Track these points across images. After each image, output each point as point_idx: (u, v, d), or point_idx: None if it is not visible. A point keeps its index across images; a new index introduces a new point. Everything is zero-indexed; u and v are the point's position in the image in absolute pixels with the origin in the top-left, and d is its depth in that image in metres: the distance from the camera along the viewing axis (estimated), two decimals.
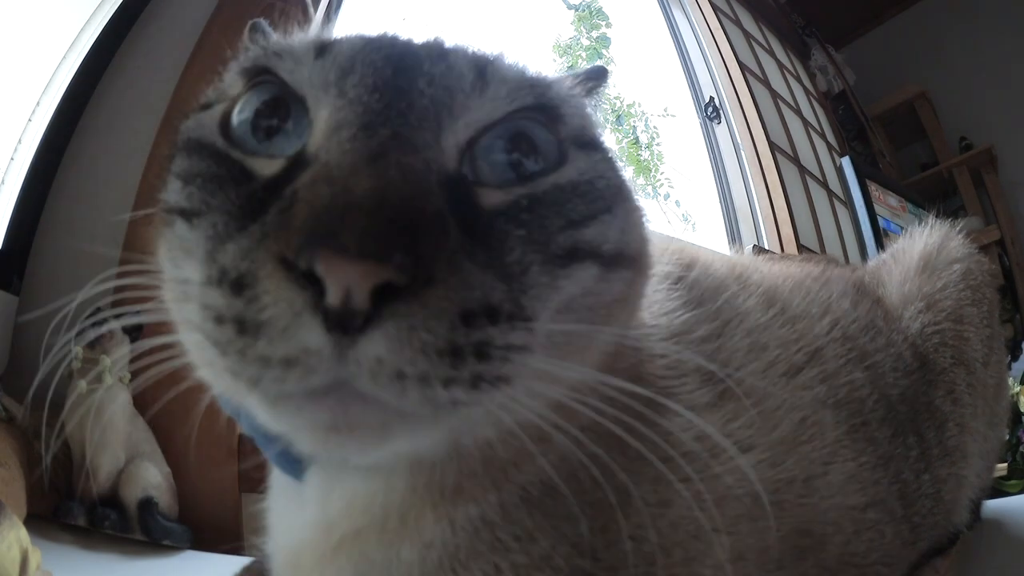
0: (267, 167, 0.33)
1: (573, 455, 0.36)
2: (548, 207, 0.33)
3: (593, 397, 0.33)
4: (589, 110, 0.42)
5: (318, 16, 1.58)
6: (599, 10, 2.37)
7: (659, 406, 0.40)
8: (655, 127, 2.39)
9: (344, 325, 0.25)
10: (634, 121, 2.35)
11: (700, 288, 0.51)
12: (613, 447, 0.35)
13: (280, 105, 0.35)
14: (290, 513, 0.43)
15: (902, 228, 2.76)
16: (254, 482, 1.13)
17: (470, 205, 0.31)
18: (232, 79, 0.38)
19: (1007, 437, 1.15)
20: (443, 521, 0.37)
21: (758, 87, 2.69)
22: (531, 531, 0.36)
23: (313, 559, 0.40)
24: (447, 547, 0.37)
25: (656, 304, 0.48)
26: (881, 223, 2.69)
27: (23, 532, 0.72)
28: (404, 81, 0.33)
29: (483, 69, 0.35)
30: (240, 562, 0.64)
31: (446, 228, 0.28)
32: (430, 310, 0.26)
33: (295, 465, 0.42)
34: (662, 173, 2.34)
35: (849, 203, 2.81)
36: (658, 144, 2.37)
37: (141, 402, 1.10)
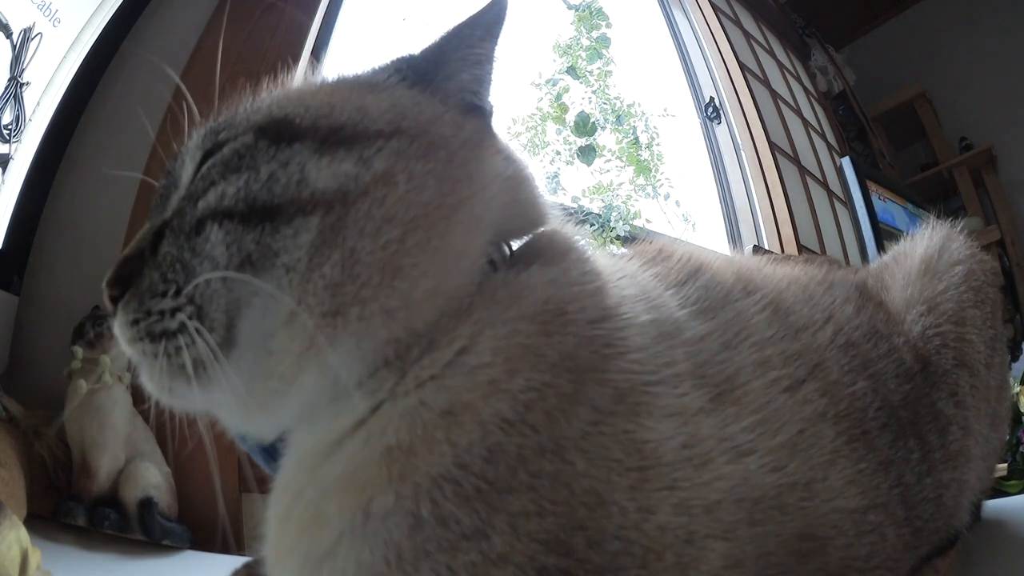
0: None
1: (506, 446, 0.37)
2: (184, 200, 0.45)
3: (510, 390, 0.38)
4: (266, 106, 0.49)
5: (319, 16, 1.58)
6: (599, 10, 2.37)
7: (632, 407, 0.40)
8: (655, 127, 2.38)
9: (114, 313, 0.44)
10: (634, 121, 2.34)
11: (707, 294, 0.50)
12: (566, 446, 0.37)
13: None
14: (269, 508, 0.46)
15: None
16: (254, 482, 1.13)
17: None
18: None
19: (1007, 437, 1.15)
20: (352, 511, 0.37)
21: (758, 87, 2.69)
22: (481, 528, 0.35)
23: (271, 549, 0.43)
24: (388, 544, 0.36)
25: (642, 300, 0.47)
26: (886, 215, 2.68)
27: (23, 532, 0.72)
28: (160, 186, 0.50)
29: (184, 153, 0.49)
30: (240, 562, 0.64)
31: (142, 257, 0.44)
32: (126, 302, 0.43)
33: (266, 455, 0.47)
34: (662, 173, 2.33)
35: (849, 203, 2.81)
36: (658, 144, 2.36)
37: (141, 402, 1.11)
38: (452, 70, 0.50)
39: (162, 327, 0.41)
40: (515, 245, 0.51)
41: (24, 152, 1.26)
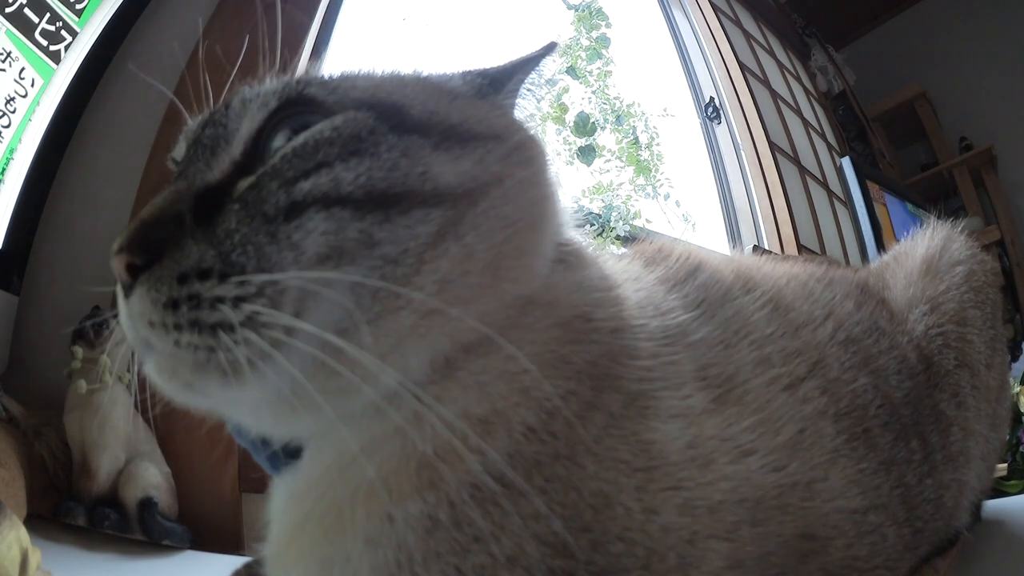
0: None
1: (525, 452, 0.37)
2: (270, 176, 0.39)
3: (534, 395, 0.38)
4: (386, 79, 0.48)
5: (319, 16, 1.58)
6: (599, 10, 2.37)
7: (641, 410, 0.40)
8: (655, 127, 2.38)
9: (125, 293, 0.38)
10: (634, 121, 2.34)
11: (707, 294, 0.50)
12: (579, 451, 0.37)
13: None
14: (273, 510, 0.45)
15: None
16: (254, 482, 1.14)
17: (219, 199, 0.40)
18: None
19: (1007, 438, 1.15)
20: (379, 518, 0.37)
21: (758, 87, 2.69)
22: (492, 531, 0.35)
23: (275, 552, 0.43)
24: (400, 547, 0.36)
25: (650, 305, 0.47)
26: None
27: (23, 532, 0.72)
28: (199, 133, 0.44)
29: (246, 99, 0.44)
30: (240, 562, 0.64)
31: (179, 222, 0.38)
32: (156, 276, 0.37)
33: (272, 458, 0.45)
34: (662, 173, 2.33)
35: (849, 203, 2.81)
36: (658, 144, 2.36)
37: (141, 402, 1.10)
38: (509, 91, 0.52)
39: (219, 318, 0.36)
40: None
41: (24, 152, 1.26)
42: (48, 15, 1.26)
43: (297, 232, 0.37)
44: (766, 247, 2.36)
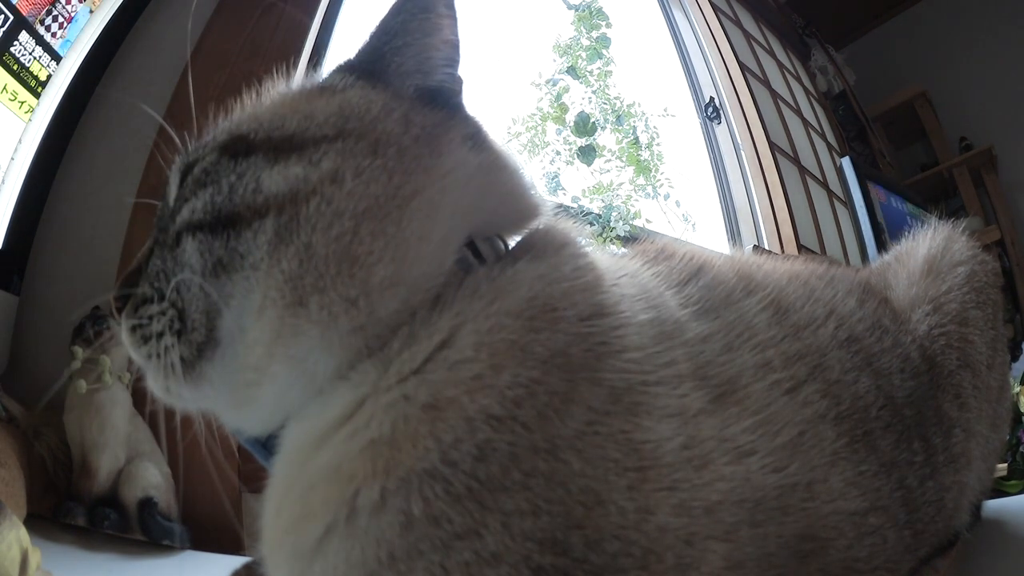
0: None
1: (497, 444, 0.37)
2: (169, 218, 0.48)
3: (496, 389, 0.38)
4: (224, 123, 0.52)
5: (319, 16, 1.58)
6: (599, 10, 2.36)
7: (630, 407, 0.40)
8: (655, 127, 2.37)
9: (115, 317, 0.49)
10: (634, 121, 2.34)
11: (710, 295, 0.50)
12: (560, 445, 0.37)
13: None
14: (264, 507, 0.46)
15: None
16: (254, 482, 1.13)
17: None
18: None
19: (1007, 438, 1.16)
20: (336, 504, 0.38)
21: (758, 87, 2.69)
22: (473, 527, 0.35)
23: (266, 546, 0.43)
24: (379, 542, 0.36)
25: (642, 299, 0.46)
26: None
27: (23, 532, 0.72)
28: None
29: (168, 178, 0.52)
30: (240, 562, 0.64)
31: (139, 273, 0.49)
32: (125, 311, 0.48)
33: (263, 451, 0.47)
34: (662, 173, 2.33)
35: (849, 203, 2.81)
36: (658, 144, 2.36)
37: (141, 402, 1.10)
38: (387, 63, 0.51)
39: (150, 330, 0.46)
40: (513, 241, 0.50)
41: (24, 151, 1.26)
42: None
43: (183, 254, 0.45)
44: (766, 247, 2.36)
